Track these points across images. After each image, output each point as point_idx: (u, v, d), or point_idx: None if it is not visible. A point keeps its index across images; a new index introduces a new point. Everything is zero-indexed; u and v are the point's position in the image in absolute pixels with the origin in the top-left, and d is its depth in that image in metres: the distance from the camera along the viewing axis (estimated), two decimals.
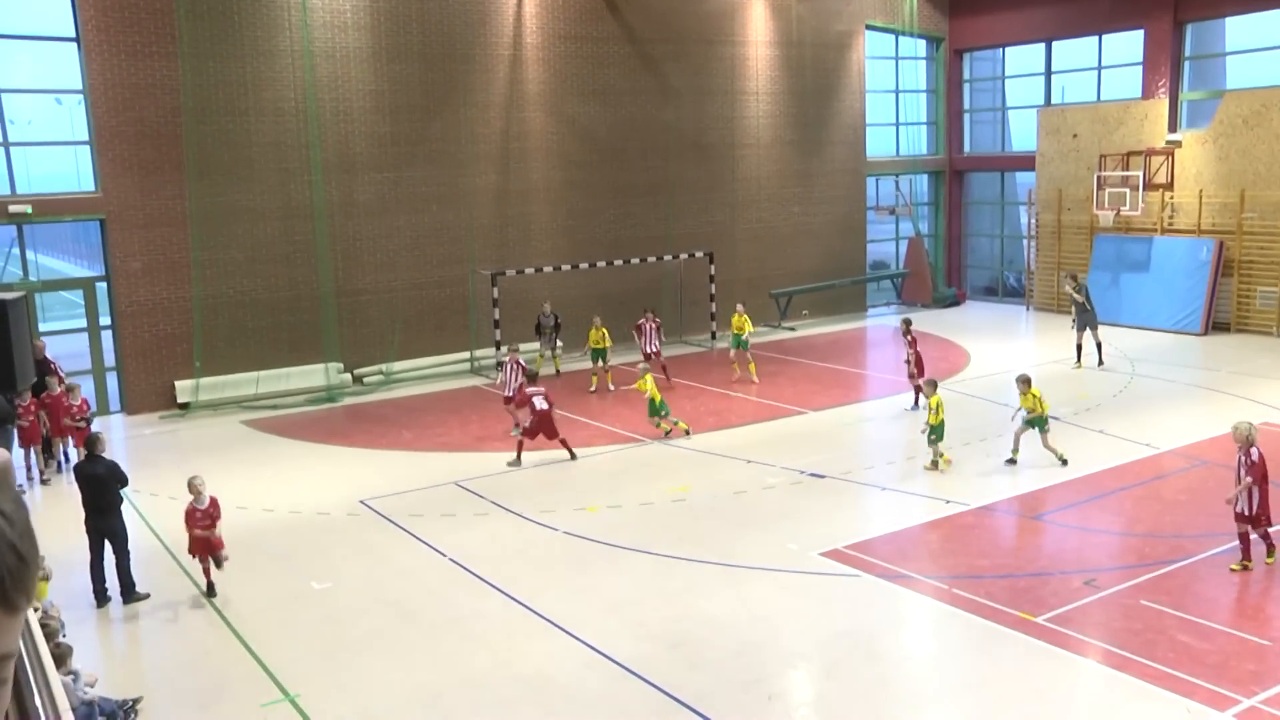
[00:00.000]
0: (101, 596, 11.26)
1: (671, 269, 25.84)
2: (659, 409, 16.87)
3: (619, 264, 24.59)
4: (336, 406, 20.71)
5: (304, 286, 21.65)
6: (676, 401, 19.61)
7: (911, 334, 18.75)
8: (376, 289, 22.53)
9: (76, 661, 9.10)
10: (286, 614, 10.85)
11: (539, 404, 15.73)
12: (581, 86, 24.83)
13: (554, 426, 15.79)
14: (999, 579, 11.03)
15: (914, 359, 18.33)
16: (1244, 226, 24.20)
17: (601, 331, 21.02)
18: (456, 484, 15.10)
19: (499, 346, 22.68)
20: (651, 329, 20.36)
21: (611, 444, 16.96)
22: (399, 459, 16.71)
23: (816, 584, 11.10)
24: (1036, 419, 14.78)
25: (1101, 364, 20.92)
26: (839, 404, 19.25)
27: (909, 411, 18.09)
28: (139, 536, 12.74)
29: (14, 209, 19.03)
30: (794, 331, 27.19)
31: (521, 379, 16.85)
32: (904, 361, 19.11)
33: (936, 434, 14.74)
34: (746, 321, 20.88)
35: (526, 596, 10.99)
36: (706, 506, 13.75)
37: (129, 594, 11.31)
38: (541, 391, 15.95)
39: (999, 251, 32.21)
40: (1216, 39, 26.51)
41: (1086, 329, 21.06)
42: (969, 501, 13.45)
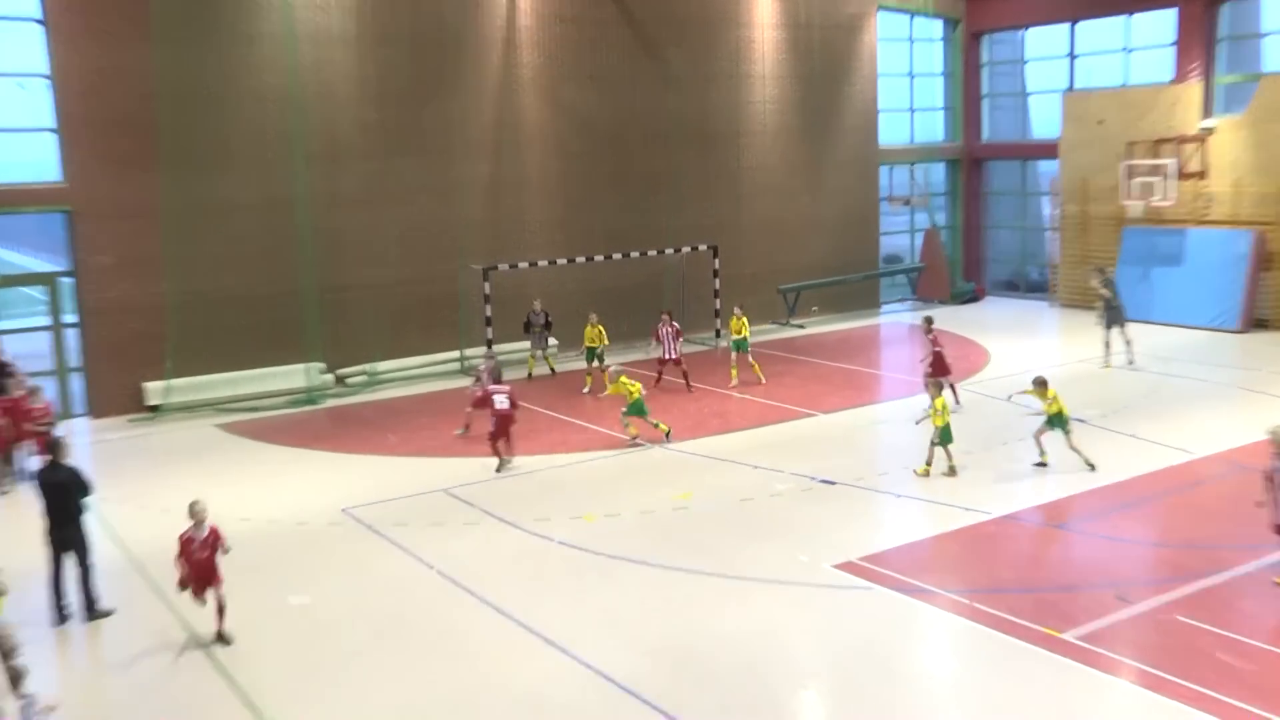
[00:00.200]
0: (61, 613, 11.13)
1: (673, 264, 25.74)
2: (638, 409, 16.76)
3: (618, 258, 24.51)
4: (318, 409, 20.62)
5: (284, 282, 21.53)
6: (681, 403, 19.52)
7: (934, 333, 18.65)
8: (361, 285, 22.43)
9: (33, 684, 8.97)
10: (262, 631, 10.74)
11: (499, 403, 15.72)
12: (578, 71, 24.74)
13: (508, 430, 15.79)
14: (1023, 593, 10.91)
15: (932, 359, 18.25)
16: None
17: (598, 329, 20.90)
18: (445, 491, 15.00)
19: (490, 345, 22.58)
20: (669, 334, 20.20)
21: (609, 448, 16.86)
22: (384, 465, 16.60)
23: (828, 598, 11.00)
24: (1057, 419, 14.67)
25: (1131, 363, 20.83)
26: (851, 406, 19.17)
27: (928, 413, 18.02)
28: (103, 549, 12.58)
29: None
30: (802, 329, 27.10)
31: (487, 380, 16.80)
32: (920, 361, 19.02)
33: (945, 437, 14.69)
34: (745, 324, 20.77)
35: (519, 611, 10.88)
36: (710, 515, 13.65)
37: (91, 611, 11.18)
38: (506, 391, 15.93)
39: (1020, 244, 32.13)
40: (1253, 19, 26.42)
41: (1114, 326, 20.97)
42: (990, 510, 13.34)
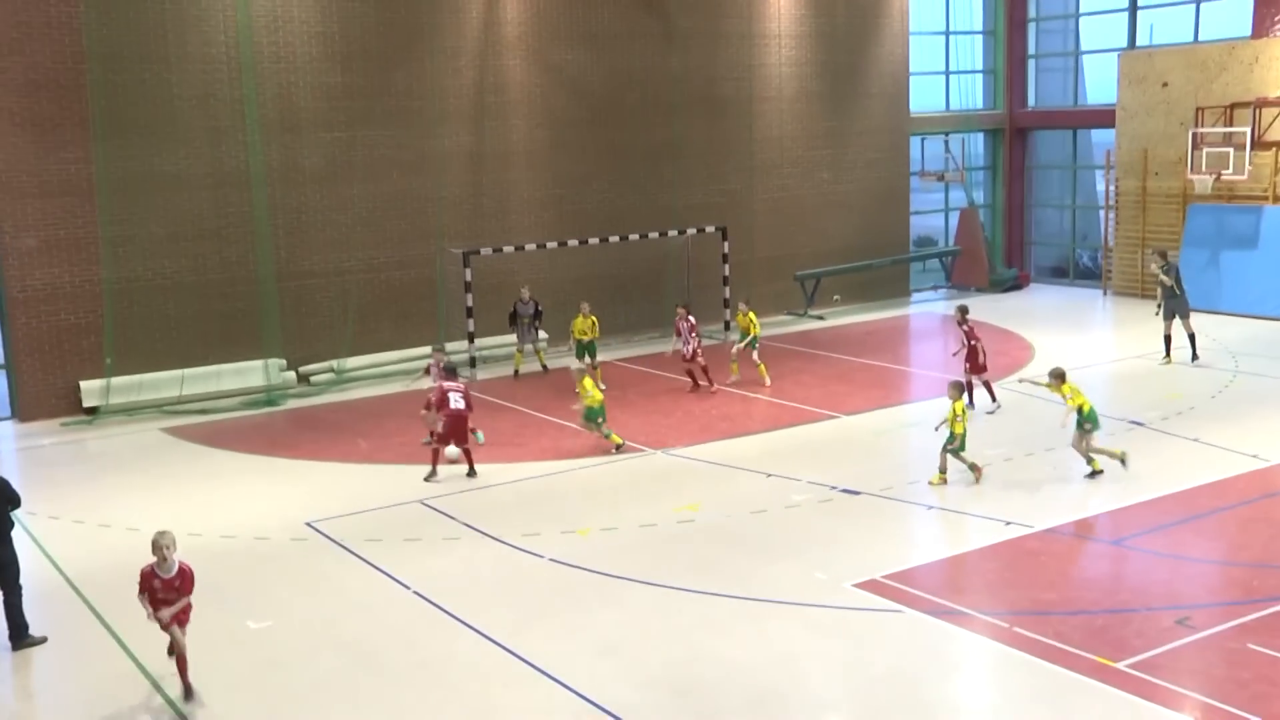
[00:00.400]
0: None
1: (677, 247, 25.78)
2: (590, 415, 16.91)
3: (614, 241, 24.58)
4: (278, 411, 20.68)
5: (239, 268, 21.61)
6: (686, 404, 19.60)
7: (968, 324, 18.75)
8: (326, 271, 22.50)
9: None
10: (217, 659, 10.76)
11: (454, 403, 15.86)
12: (570, 29, 24.79)
13: (464, 433, 15.96)
14: (1070, 615, 10.97)
15: (967, 353, 18.37)
16: None
17: (590, 320, 20.97)
18: (422, 503, 15.06)
19: (472, 339, 22.69)
20: (686, 329, 20.24)
21: (606, 455, 16.92)
22: (354, 473, 16.66)
23: (850, 621, 11.05)
24: (1088, 416, 14.80)
25: (1195, 359, 20.89)
26: (876, 407, 19.22)
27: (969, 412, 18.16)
28: (34, 568, 12.63)
29: None
30: (822, 321, 27.17)
31: (437, 377, 16.94)
32: (953, 355, 19.14)
33: (960, 444, 14.86)
34: (753, 320, 20.63)
35: (506, 636, 10.93)
36: (719, 529, 13.70)
37: (20, 637, 11.17)
38: (460, 389, 16.07)
39: (1070, 225, 32.20)
40: None
41: (1175, 317, 21.01)
42: (1033, 523, 13.39)
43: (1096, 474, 14.84)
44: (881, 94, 29.07)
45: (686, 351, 20.18)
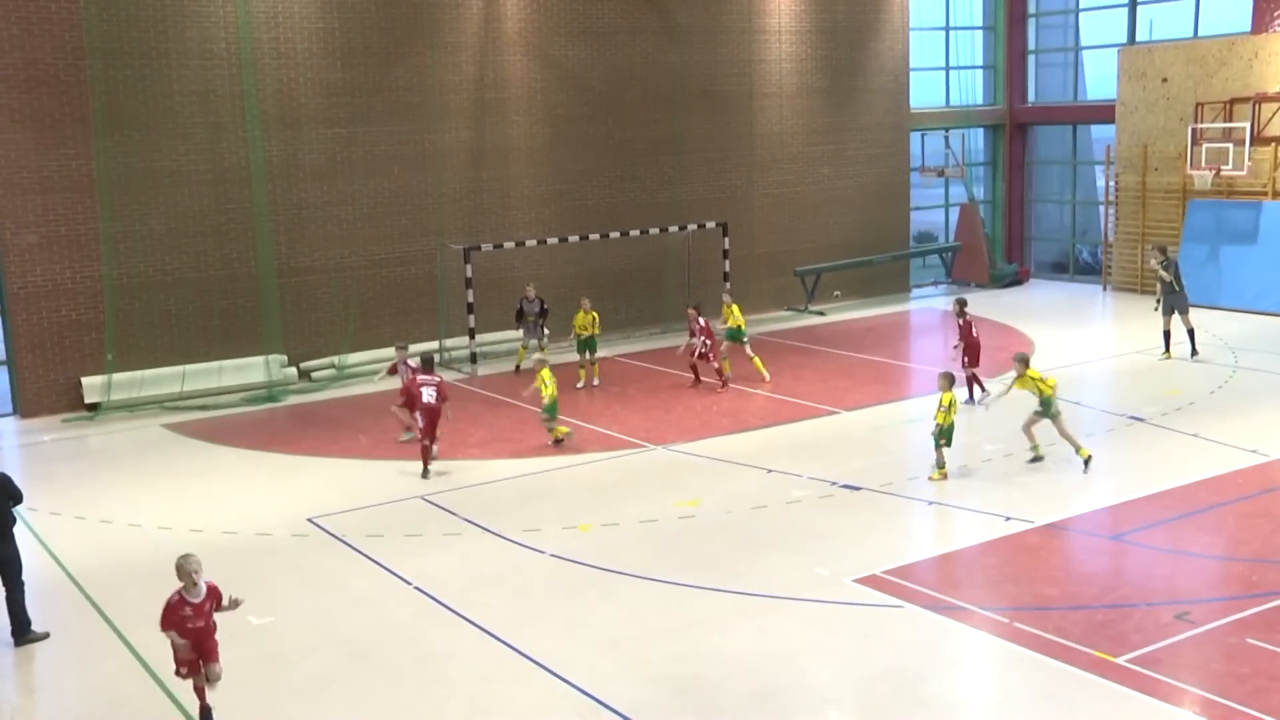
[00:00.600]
0: None
1: (678, 243, 25.78)
2: (549, 412, 16.95)
3: (615, 237, 24.57)
4: (279, 407, 20.69)
5: (239, 264, 21.61)
6: (687, 399, 19.61)
7: (966, 317, 18.78)
8: (327, 267, 22.50)
9: None
10: (220, 656, 10.76)
11: (427, 396, 15.92)
12: (570, 25, 24.77)
13: (434, 429, 16.01)
14: (1070, 611, 10.98)
15: (965, 347, 18.42)
16: None
17: (591, 316, 20.98)
18: (423, 498, 15.08)
19: (473, 335, 22.69)
20: (699, 330, 20.18)
21: (607, 450, 16.94)
22: (354, 469, 16.68)
23: (851, 616, 11.07)
24: (1045, 403, 15.11)
25: (1195, 354, 20.89)
26: (877, 402, 19.23)
27: (965, 406, 18.12)
28: (36, 564, 12.67)
29: None
30: (823, 316, 27.17)
31: (412, 375, 16.98)
32: (953, 347, 19.18)
33: (946, 437, 14.94)
34: (734, 311, 20.63)
35: (506, 632, 10.94)
36: (720, 524, 13.72)
37: (23, 634, 11.20)
38: (435, 382, 16.10)
39: (1070, 220, 32.17)
40: None
41: (1174, 312, 21.01)
42: (1034, 518, 13.40)
43: (1038, 459, 15.24)
44: (882, 89, 29.05)
45: (700, 349, 20.09)
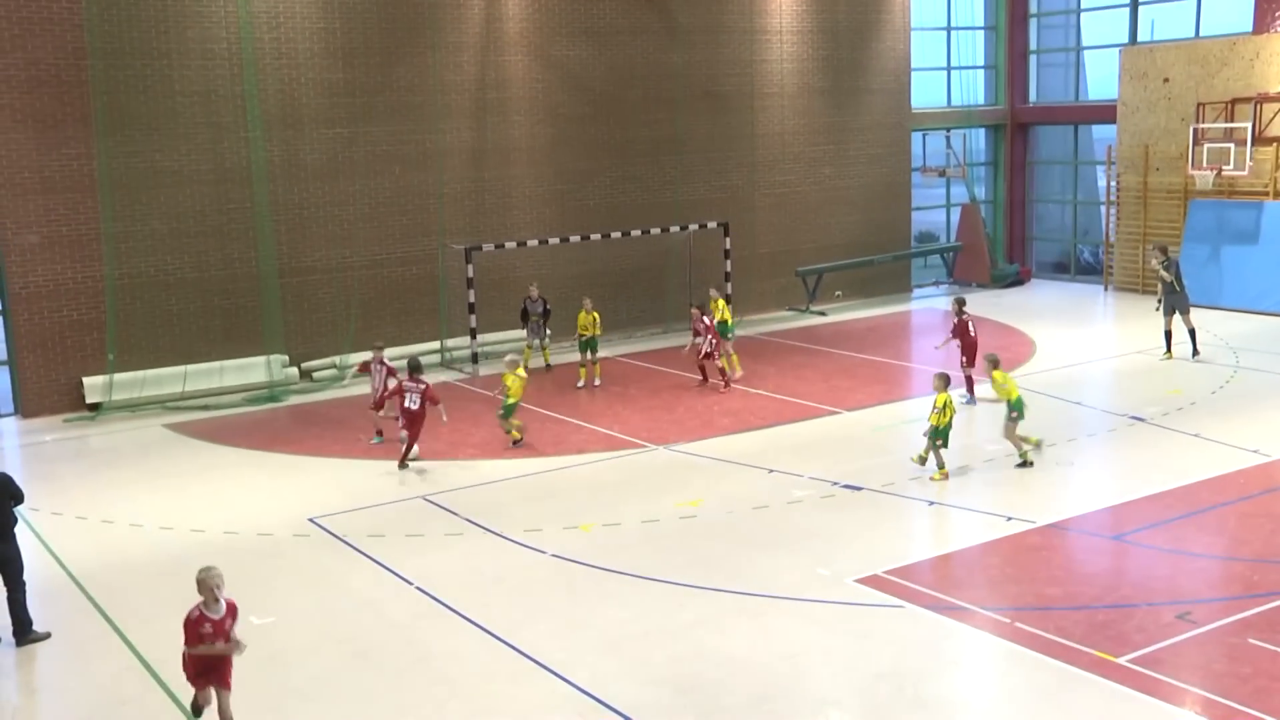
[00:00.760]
0: None
1: (679, 243, 25.78)
2: (508, 411, 16.98)
3: (616, 237, 24.56)
4: (280, 407, 20.69)
5: (240, 264, 21.61)
6: (686, 399, 19.60)
7: (964, 316, 18.78)
8: (328, 267, 22.50)
9: None
10: None
11: (409, 402, 16.09)
12: (572, 25, 24.77)
13: (418, 430, 16.17)
14: (1071, 611, 10.98)
15: (962, 346, 18.48)
16: None
17: (593, 316, 20.99)
18: (424, 498, 15.08)
19: (474, 335, 22.70)
20: (703, 330, 20.19)
21: (608, 450, 16.95)
22: (356, 469, 16.67)
23: (852, 616, 11.07)
24: (1015, 405, 15.22)
25: (1196, 354, 20.88)
26: (878, 402, 19.22)
27: (965, 405, 18.19)
28: (37, 565, 12.69)
29: None
30: (824, 316, 27.17)
31: (389, 379, 17.19)
32: (934, 348, 19.23)
33: (942, 438, 14.96)
34: (722, 306, 20.73)
35: (508, 632, 10.95)
36: (721, 524, 13.72)
37: (24, 634, 11.21)
38: (418, 388, 16.17)
39: (1071, 220, 32.15)
40: None
41: (1175, 313, 21.00)
42: (1035, 518, 13.40)
43: (1026, 465, 15.18)
44: (883, 89, 29.05)
45: (705, 348, 20.11)
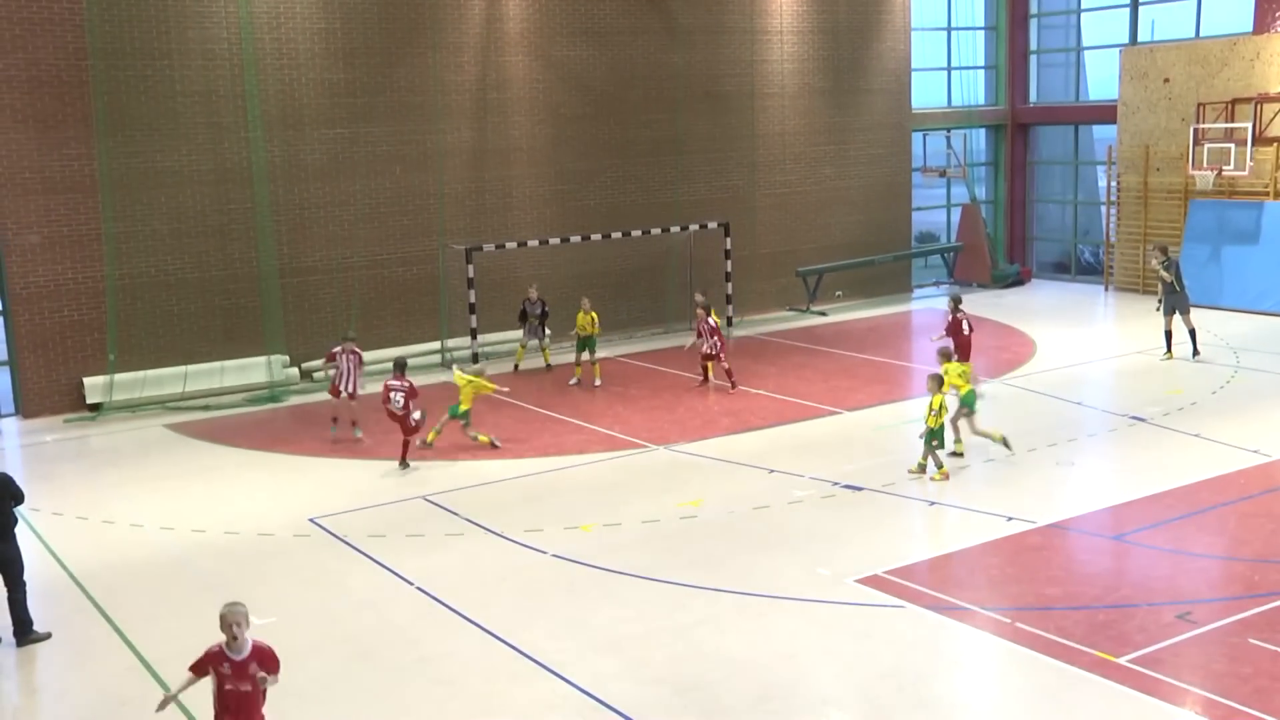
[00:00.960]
0: None
1: (680, 243, 25.78)
2: (458, 414, 17.02)
3: (617, 237, 24.57)
4: (281, 407, 20.70)
5: (241, 264, 21.62)
6: (687, 399, 19.60)
7: (959, 313, 18.82)
8: (328, 267, 22.51)
9: None
10: None
11: (393, 403, 16.28)
12: (572, 25, 24.77)
13: (409, 426, 16.30)
14: (1072, 611, 10.98)
15: (955, 344, 18.52)
16: None
17: (591, 316, 21.01)
18: (425, 499, 15.09)
19: (475, 335, 22.71)
20: (707, 330, 20.16)
21: (609, 450, 16.95)
22: (356, 469, 16.68)
23: (853, 616, 11.07)
24: (965, 398, 15.41)
25: (1196, 354, 20.88)
26: (879, 402, 19.22)
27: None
28: (38, 565, 12.70)
29: None
30: (825, 316, 27.17)
31: (360, 375, 17.56)
32: (931, 339, 19.33)
33: (937, 438, 14.98)
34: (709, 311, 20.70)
35: (508, 632, 10.96)
36: (722, 524, 13.72)
37: (25, 634, 11.21)
38: (403, 387, 16.29)
39: (1071, 221, 32.15)
40: None
41: (1176, 313, 21.01)
42: (1035, 518, 13.41)
43: (958, 455, 15.51)
44: (884, 90, 29.05)
45: (708, 348, 20.06)
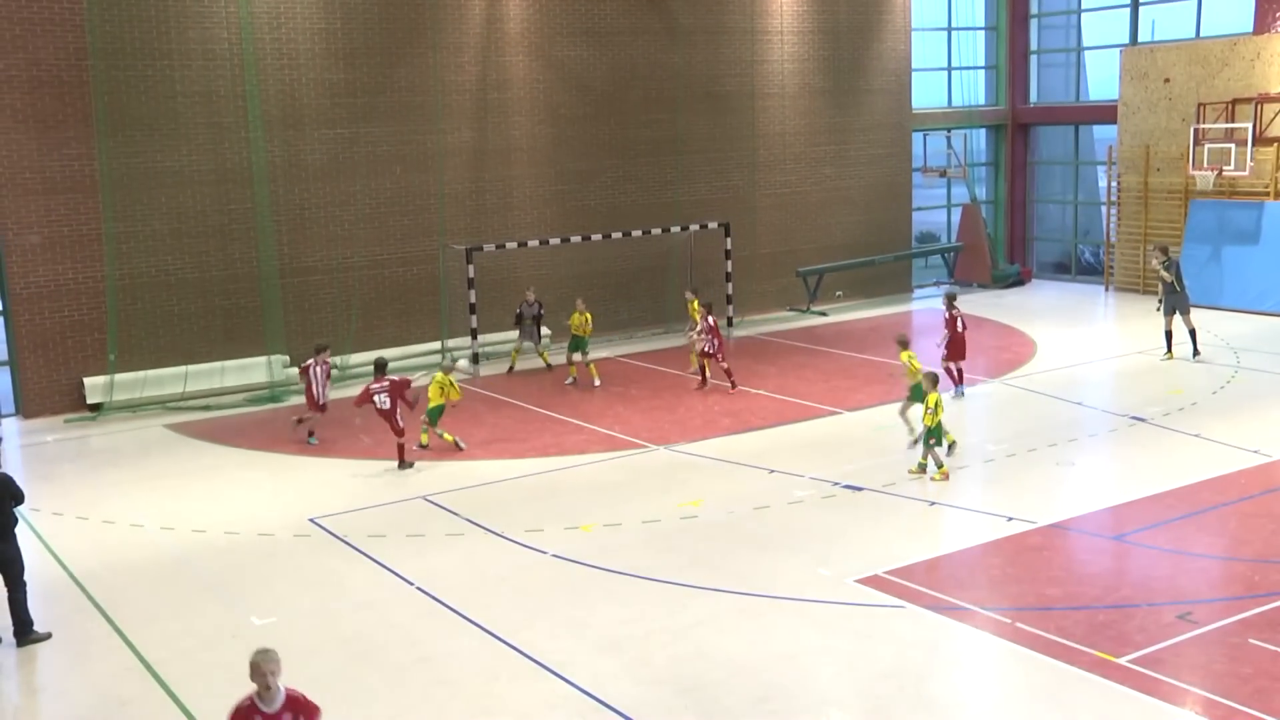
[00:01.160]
0: None
1: (680, 243, 25.78)
2: (429, 410, 17.11)
3: (617, 237, 24.57)
4: (281, 407, 20.68)
5: (242, 264, 21.63)
6: (687, 399, 19.60)
7: (954, 311, 18.88)
8: (328, 268, 22.51)
9: None
10: (220, 655, 10.81)
11: (379, 403, 16.33)
12: (573, 25, 24.78)
13: (397, 427, 16.34)
14: (1072, 611, 10.98)
15: (946, 340, 18.62)
16: None
17: (585, 317, 21.04)
18: (425, 499, 15.09)
19: (475, 335, 22.71)
20: (707, 330, 20.17)
21: (609, 450, 16.95)
22: (356, 469, 16.68)
23: (853, 617, 11.07)
24: (915, 388, 15.59)
25: (1197, 354, 20.88)
26: (879, 403, 19.18)
27: (956, 398, 18.43)
28: (38, 565, 12.71)
29: None
30: (825, 316, 27.17)
31: (327, 380, 17.70)
32: (937, 345, 19.33)
33: (935, 438, 15.01)
34: (696, 308, 20.89)
35: (509, 632, 10.96)
36: (722, 525, 13.73)
37: (25, 634, 11.22)
38: (385, 388, 16.36)
39: (1072, 221, 32.15)
40: None
41: (1176, 313, 21.01)
42: (1036, 518, 13.41)
43: (915, 444, 15.60)
44: (884, 90, 29.06)
45: (707, 348, 20.07)
